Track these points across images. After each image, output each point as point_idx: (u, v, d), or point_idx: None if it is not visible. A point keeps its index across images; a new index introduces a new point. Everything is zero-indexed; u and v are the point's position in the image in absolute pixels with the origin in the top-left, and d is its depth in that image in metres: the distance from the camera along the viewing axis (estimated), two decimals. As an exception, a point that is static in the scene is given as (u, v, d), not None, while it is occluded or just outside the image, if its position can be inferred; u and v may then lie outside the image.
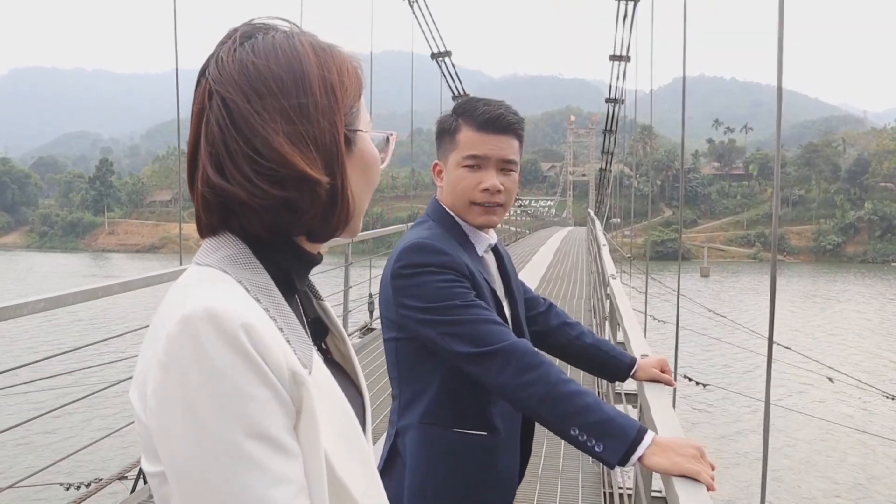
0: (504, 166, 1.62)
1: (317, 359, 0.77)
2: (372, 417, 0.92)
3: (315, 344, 0.79)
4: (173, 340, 0.67)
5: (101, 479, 4.28)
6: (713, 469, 1.31)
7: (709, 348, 24.58)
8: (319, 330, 0.86)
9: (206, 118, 0.74)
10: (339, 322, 0.92)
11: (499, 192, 1.61)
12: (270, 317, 0.72)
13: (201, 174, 0.75)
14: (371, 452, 0.84)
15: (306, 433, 0.70)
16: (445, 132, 1.65)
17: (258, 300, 0.73)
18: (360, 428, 0.82)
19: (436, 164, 1.68)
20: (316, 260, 0.83)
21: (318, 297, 0.89)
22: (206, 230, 0.78)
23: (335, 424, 0.76)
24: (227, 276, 0.73)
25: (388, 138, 0.88)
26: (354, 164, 0.80)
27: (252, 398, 0.66)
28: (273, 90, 0.73)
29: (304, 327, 0.80)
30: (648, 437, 1.32)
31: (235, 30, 0.77)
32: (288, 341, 0.72)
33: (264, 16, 0.80)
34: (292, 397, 0.69)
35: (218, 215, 0.76)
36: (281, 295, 0.76)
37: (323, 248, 0.85)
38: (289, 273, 0.79)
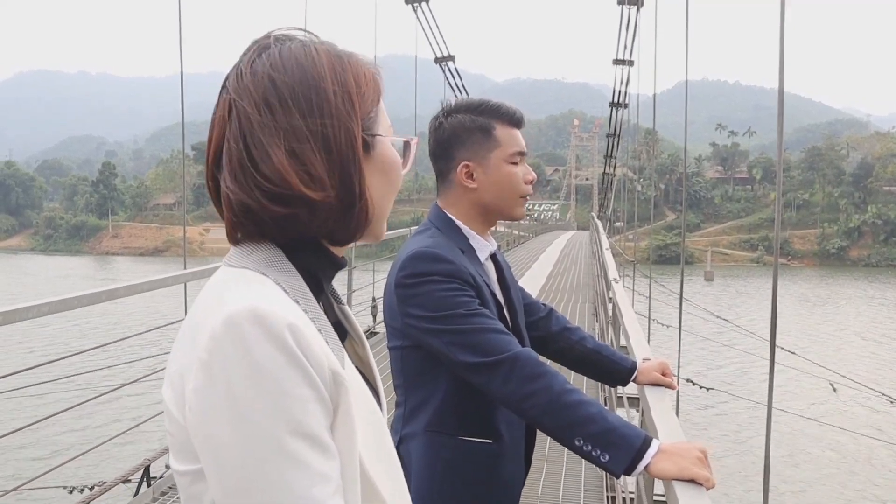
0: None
1: (347, 361, 0.79)
2: None
3: None
4: (218, 339, 0.68)
5: (104, 483, 4.28)
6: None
7: (713, 352, 24.52)
8: (339, 333, 0.88)
9: (228, 128, 0.77)
10: (359, 326, 0.93)
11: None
12: (310, 318, 0.74)
13: (224, 182, 0.77)
14: (396, 453, 0.86)
15: (343, 433, 0.72)
16: (477, 131, 1.62)
17: (297, 302, 0.75)
18: (387, 429, 0.85)
19: (466, 166, 1.63)
20: (342, 264, 0.85)
21: (339, 302, 0.91)
22: (237, 236, 0.80)
23: (366, 425, 0.78)
24: (266, 278, 0.75)
25: (407, 143, 0.89)
26: (374, 168, 0.82)
27: (296, 397, 0.68)
28: (287, 101, 0.75)
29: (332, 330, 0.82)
30: (654, 446, 1.32)
31: (256, 41, 0.80)
32: (326, 342, 0.74)
33: (284, 27, 0.82)
34: (331, 396, 0.71)
35: (249, 222, 0.77)
36: (314, 298, 0.78)
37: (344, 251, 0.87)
38: (318, 276, 0.81)
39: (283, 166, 0.74)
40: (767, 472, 4.10)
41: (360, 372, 0.89)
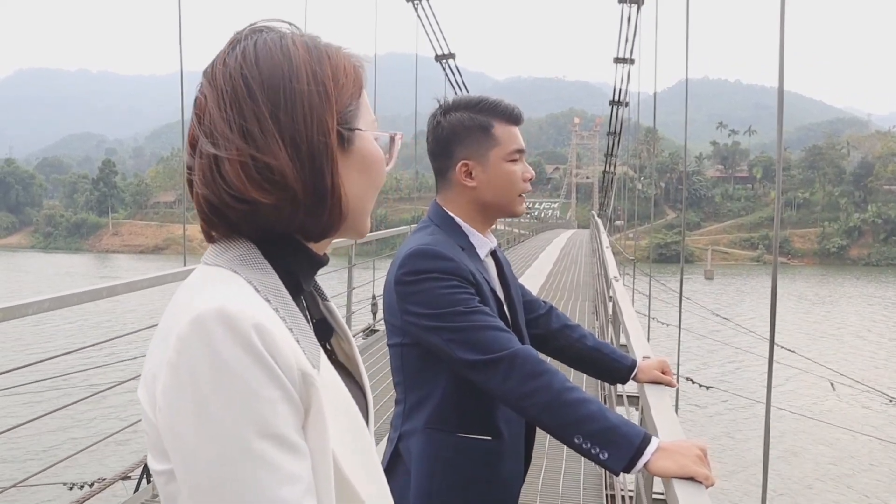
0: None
1: (324, 359, 0.77)
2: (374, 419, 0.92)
3: (320, 344, 0.79)
4: (184, 340, 0.67)
5: (104, 479, 4.29)
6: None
7: (713, 351, 24.54)
8: (324, 330, 0.87)
9: (200, 126, 0.76)
10: (344, 323, 0.92)
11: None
12: (280, 317, 0.73)
13: (195, 180, 0.76)
14: (376, 452, 0.85)
15: (314, 432, 0.71)
16: (476, 130, 1.62)
17: (268, 300, 0.73)
18: (366, 428, 0.83)
19: (465, 164, 1.63)
20: (322, 261, 0.83)
21: (324, 298, 0.90)
22: (211, 234, 0.79)
23: (342, 424, 0.76)
24: (237, 277, 0.74)
25: (392, 138, 0.87)
26: (352, 163, 0.80)
27: (263, 398, 0.67)
28: (255, 94, 0.74)
29: (310, 328, 0.80)
30: (653, 444, 1.32)
31: (235, 34, 0.78)
32: (297, 341, 0.72)
33: (266, 18, 0.80)
34: (301, 397, 0.70)
35: (218, 219, 0.77)
36: (289, 295, 0.77)
37: (326, 248, 0.86)
38: (296, 274, 0.80)
39: (235, 169, 0.73)
40: (766, 471, 4.11)
41: (347, 368, 0.88)
